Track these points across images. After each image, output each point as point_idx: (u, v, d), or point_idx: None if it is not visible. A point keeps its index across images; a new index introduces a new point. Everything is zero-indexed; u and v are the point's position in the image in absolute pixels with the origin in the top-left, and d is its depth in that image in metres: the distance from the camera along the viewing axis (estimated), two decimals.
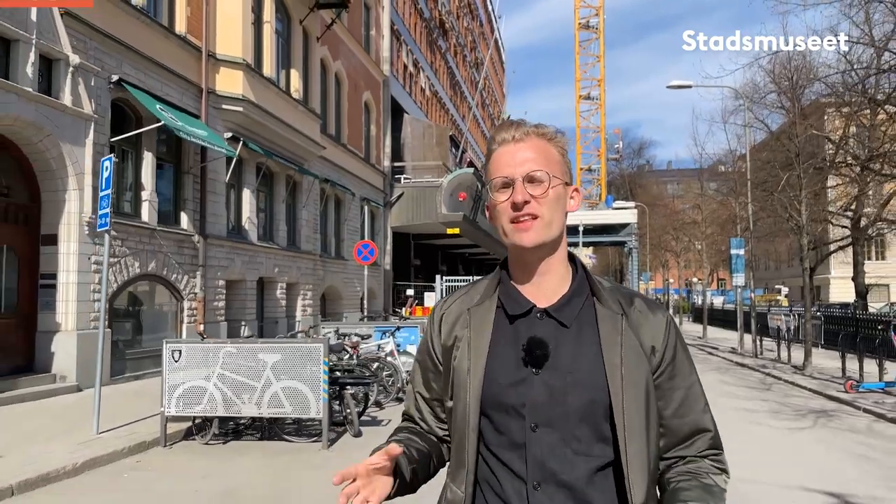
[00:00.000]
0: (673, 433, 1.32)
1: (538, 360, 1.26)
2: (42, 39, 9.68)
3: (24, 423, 7.76)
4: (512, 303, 1.34)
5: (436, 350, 1.42)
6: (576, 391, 1.24)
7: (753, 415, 9.64)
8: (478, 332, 1.33)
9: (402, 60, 31.43)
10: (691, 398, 1.32)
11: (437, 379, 1.42)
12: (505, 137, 1.33)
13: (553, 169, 1.30)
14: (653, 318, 1.33)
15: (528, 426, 1.25)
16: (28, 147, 10.00)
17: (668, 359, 1.31)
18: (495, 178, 1.31)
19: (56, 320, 10.23)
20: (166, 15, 13.13)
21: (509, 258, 1.39)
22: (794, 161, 16.01)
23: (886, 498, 5.57)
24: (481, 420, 1.30)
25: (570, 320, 1.30)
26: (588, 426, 1.24)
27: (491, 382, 1.28)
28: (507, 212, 1.29)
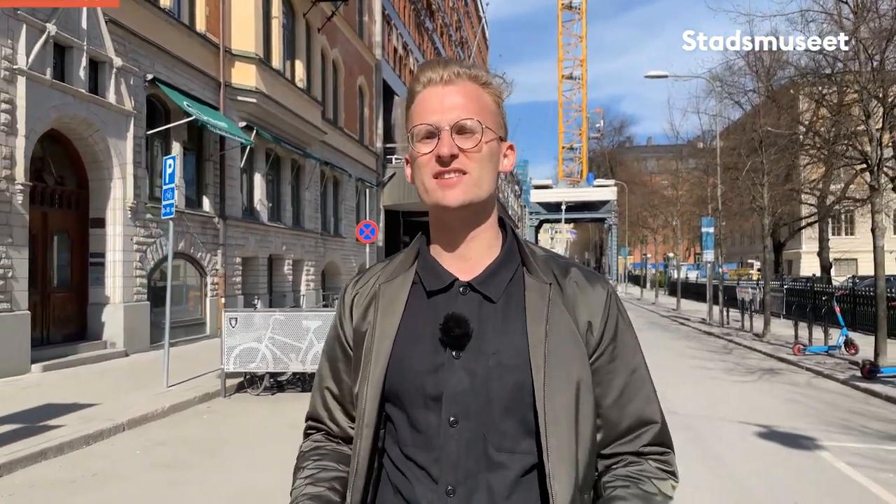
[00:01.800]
0: (612, 425, 1.11)
1: (457, 341, 1.06)
2: (91, 45, 10.91)
3: (98, 381, 9.19)
4: (430, 276, 1.14)
5: (346, 336, 1.20)
6: (500, 376, 1.05)
7: (710, 372, 11.35)
8: (386, 312, 1.13)
9: (392, 44, 32.52)
10: (634, 384, 1.12)
11: (349, 371, 1.20)
12: (431, 77, 1.11)
13: (486, 119, 1.10)
14: (591, 291, 1.13)
15: (444, 420, 1.05)
16: (79, 141, 11.27)
17: (607, 338, 1.11)
18: (418, 125, 1.10)
19: (105, 294, 11.61)
20: (188, 15, 14.31)
21: (430, 223, 1.18)
22: (758, 147, 17.64)
23: (803, 427, 7.23)
24: (393, 414, 1.11)
25: (496, 294, 1.10)
26: (514, 418, 1.05)
27: (401, 369, 1.08)
28: (429, 165, 1.08)
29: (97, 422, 6.72)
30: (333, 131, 22.90)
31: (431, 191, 1.09)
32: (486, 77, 1.13)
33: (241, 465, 5.73)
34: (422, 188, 1.11)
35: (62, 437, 6.16)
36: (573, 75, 71.41)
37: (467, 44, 57.88)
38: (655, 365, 8.68)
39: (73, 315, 11.42)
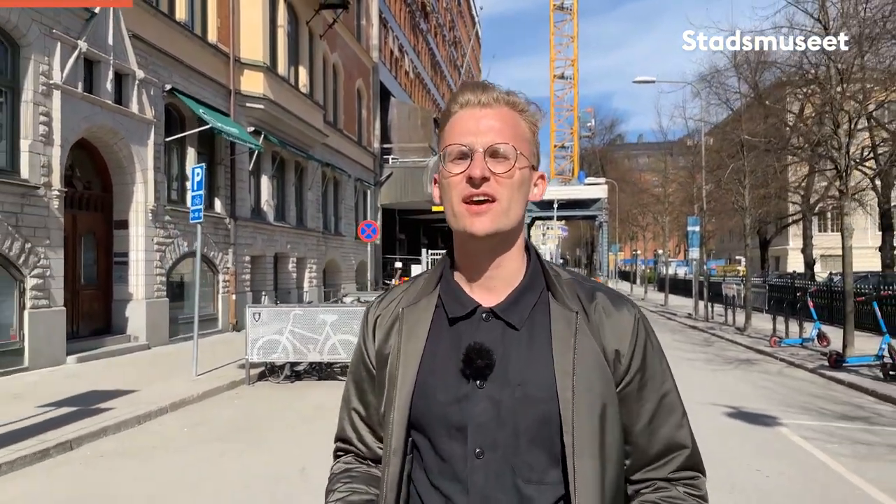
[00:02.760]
0: (642, 451, 1.09)
1: (480, 372, 1.03)
2: (117, 59, 11.70)
3: (130, 371, 10.01)
4: (453, 302, 1.11)
5: (370, 357, 1.19)
6: (526, 407, 1.03)
7: (691, 362, 12.29)
8: (409, 337, 1.11)
9: (388, 47, 33.31)
10: (665, 410, 1.09)
11: (374, 391, 1.18)
12: (470, 99, 1.09)
13: (521, 146, 1.07)
14: (617, 316, 1.10)
15: (470, 451, 1.03)
16: (105, 148, 12.06)
17: (636, 365, 1.08)
18: (451, 144, 1.07)
19: (129, 291, 12.42)
20: (200, 26, 15.09)
21: (455, 246, 1.15)
22: (740, 151, 18.59)
23: (770, 409, 8.14)
24: (419, 442, 1.09)
25: (520, 321, 1.07)
26: (541, 449, 1.03)
27: (426, 398, 1.06)
28: (459, 186, 1.05)
29: (143, 405, 7.57)
30: (334, 133, 23.69)
31: (460, 216, 1.06)
32: (523, 104, 1.11)
33: (278, 439, 6.60)
34: (450, 211, 1.08)
35: (116, 417, 7.01)
36: (564, 75, 72.51)
37: (461, 43, 58.72)
38: None
39: (100, 311, 12.23)
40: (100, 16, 11.23)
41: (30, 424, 6.58)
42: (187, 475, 5.49)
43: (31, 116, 9.89)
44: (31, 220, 9.82)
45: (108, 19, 11.43)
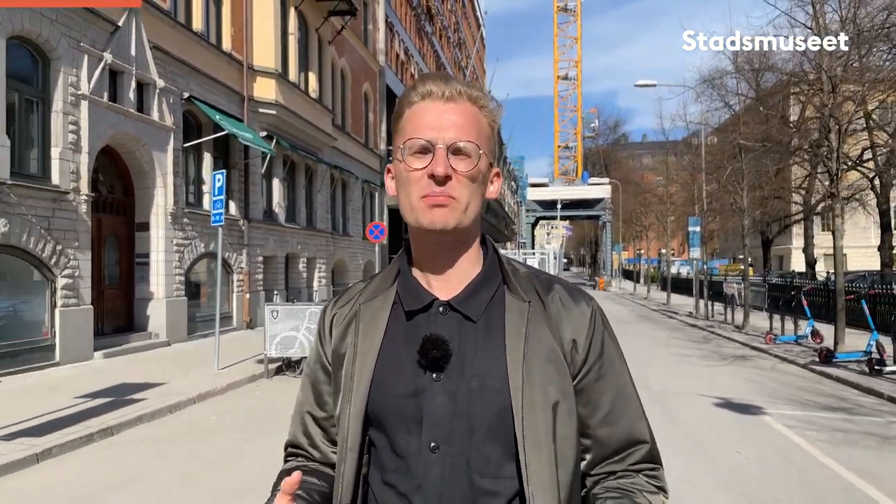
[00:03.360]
0: (602, 444, 1.09)
1: (436, 363, 1.03)
2: (138, 69, 12.29)
3: (154, 365, 10.60)
4: (410, 296, 1.10)
5: (327, 357, 1.16)
6: (482, 399, 1.02)
7: (686, 358, 12.82)
8: (366, 334, 1.10)
9: (394, 50, 33.87)
10: (623, 402, 1.09)
11: (332, 393, 1.16)
12: (432, 90, 1.07)
13: (482, 144, 1.07)
14: (575, 309, 1.10)
15: (425, 445, 1.02)
16: (127, 154, 12.66)
17: (593, 355, 1.08)
18: (413, 138, 1.05)
19: (150, 290, 13.02)
20: (215, 35, 15.67)
21: (412, 242, 1.14)
22: (738, 153, 19.08)
23: (757, 400, 8.66)
24: (376, 439, 1.08)
25: (476, 313, 1.07)
26: (497, 442, 1.02)
27: (383, 392, 1.05)
28: (420, 182, 1.04)
29: (173, 396, 8.15)
30: (342, 136, 24.27)
31: (417, 210, 1.04)
32: (484, 100, 1.10)
33: None
34: (407, 206, 1.06)
35: (150, 406, 7.59)
36: (568, 76, 73.03)
37: (465, 45, 59.22)
38: (638, 352, 10.63)
39: (123, 309, 12.83)
40: (123, 28, 11.81)
41: (71, 413, 7.17)
42: (219, 457, 6.06)
43: (60, 125, 10.48)
44: (61, 223, 10.41)
45: (130, 31, 12.01)
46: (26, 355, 9.80)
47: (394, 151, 1.11)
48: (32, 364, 9.82)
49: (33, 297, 10.14)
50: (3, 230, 9.28)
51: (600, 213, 56.31)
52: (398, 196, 1.09)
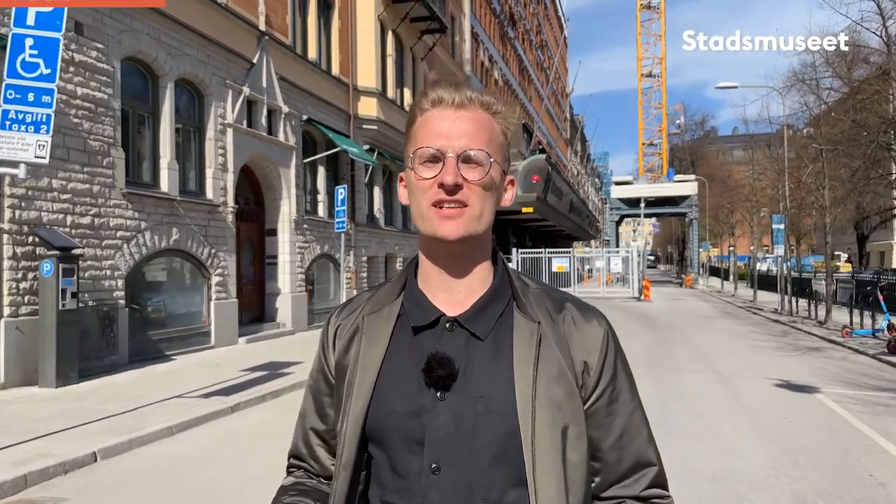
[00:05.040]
0: (611, 468, 1.07)
1: (441, 382, 1.01)
2: (268, 98, 14.45)
3: (288, 349, 12.64)
4: (416, 310, 1.08)
5: (330, 369, 1.16)
6: (488, 421, 1.00)
7: (761, 349, 13.77)
8: (369, 347, 1.08)
9: (479, 59, 35.52)
10: (633, 426, 1.08)
11: (333, 405, 1.15)
12: (443, 98, 1.06)
13: (494, 151, 1.05)
14: (587, 328, 1.08)
15: (426, 466, 1.00)
16: (259, 171, 14.86)
17: (605, 378, 1.06)
18: (423, 147, 1.04)
19: (277, 286, 15.20)
20: (326, 62, 17.77)
21: (421, 252, 1.12)
22: (819, 155, 19.52)
23: (816, 383, 9.70)
24: (376, 456, 1.06)
25: (484, 331, 1.05)
26: (503, 466, 1.00)
27: (383, 409, 1.03)
28: (430, 192, 1.03)
29: None
30: None
31: (428, 219, 1.03)
32: (497, 106, 1.08)
33: None
34: (418, 214, 1.05)
35: (299, 378, 9.50)
36: (652, 73, 72.54)
37: (547, 46, 60.16)
38: (715, 344, 12.22)
39: (256, 303, 15.07)
40: (257, 64, 13.97)
41: (242, 381, 9.18)
42: None
43: (212, 150, 12.69)
44: (214, 230, 12.62)
45: (262, 66, 14.17)
46: (191, 339, 12.03)
47: (405, 160, 1.10)
48: (195, 346, 12.04)
49: (195, 292, 12.39)
50: (176, 237, 11.52)
51: (686, 210, 55.93)
52: (410, 205, 1.08)
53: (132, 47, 10.63)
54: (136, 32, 10.70)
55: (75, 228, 9.42)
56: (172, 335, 11.60)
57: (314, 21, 16.92)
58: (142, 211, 10.74)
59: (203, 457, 6.04)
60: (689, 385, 9.43)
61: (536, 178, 31.59)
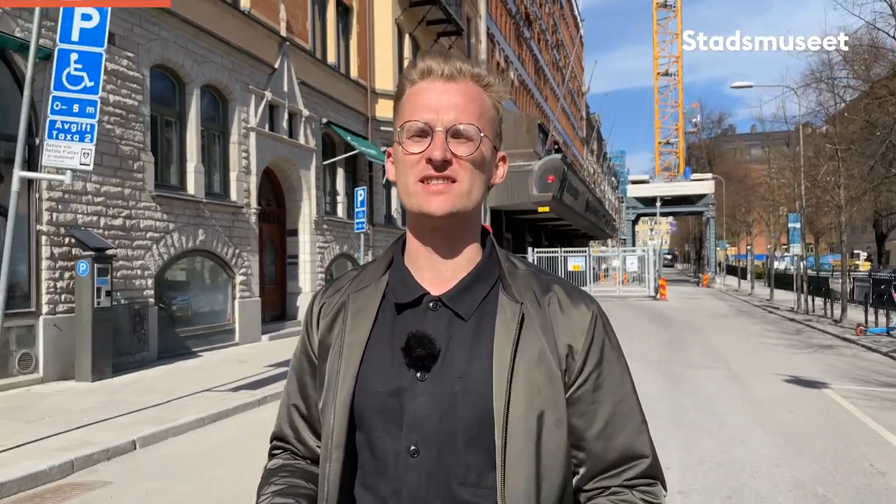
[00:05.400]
0: (597, 459, 1.02)
1: (421, 362, 0.98)
2: (290, 102, 14.84)
3: None
4: (400, 288, 1.05)
5: (313, 349, 1.13)
6: (465, 403, 0.97)
7: (773, 346, 13.94)
8: (354, 326, 1.05)
9: (495, 59, 35.77)
10: (622, 415, 1.03)
11: (316, 385, 1.12)
12: (432, 68, 1.02)
13: (485, 126, 1.02)
14: (574, 311, 1.04)
15: (403, 448, 0.98)
16: (280, 173, 15.27)
17: (591, 363, 1.02)
18: (410, 120, 1.00)
19: (298, 285, 15.60)
20: (345, 66, 18.16)
21: (409, 229, 1.09)
22: (835, 154, 19.56)
23: (826, 379, 9.88)
24: (356, 438, 1.03)
25: (468, 311, 1.02)
26: (480, 450, 0.97)
27: (365, 389, 1.01)
28: (417, 166, 0.99)
29: None
30: None
31: (415, 195, 1.00)
32: (488, 78, 1.04)
33: None
34: (404, 190, 1.02)
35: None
36: (669, 72, 72.33)
37: (563, 46, 60.25)
38: (728, 342, 12.47)
39: (278, 301, 15.49)
40: (278, 69, 14.38)
41: (267, 376, 9.56)
42: None
43: (236, 153, 13.10)
44: (238, 231, 13.04)
45: (283, 71, 14.57)
46: (216, 336, 12.45)
47: (393, 134, 1.05)
48: (220, 343, 12.46)
49: (220, 291, 12.81)
50: (202, 238, 11.94)
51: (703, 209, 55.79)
52: (397, 180, 1.05)
53: (160, 55, 11.05)
54: (164, 41, 11.12)
55: (108, 230, 9.85)
56: (199, 332, 12.02)
57: (333, 26, 17.31)
58: (170, 213, 11.17)
59: (233, 447, 6.41)
60: (701, 381, 9.67)
61: (552, 177, 31.78)
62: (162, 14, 10.92)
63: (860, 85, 20.00)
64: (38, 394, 8.26)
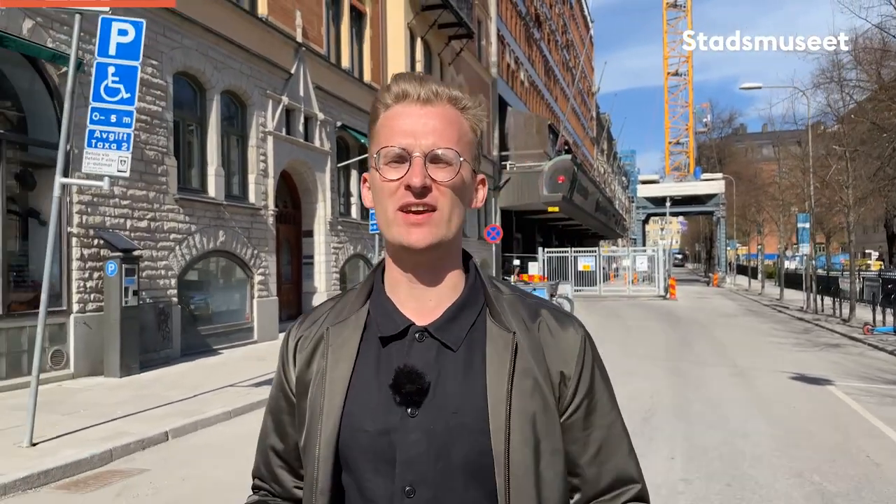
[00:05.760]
0: (590, 484, 1.03)
1: (411, 398, 0.95)
2: (305, 106, 15.21)
3: None
4: (384, 319, 1.01)
5: (290, 386, 1.08)
6: (461, 438, 0.94)
7: (780, 344, 14.17)
8: (336, 360, 1.00)
9: (505, 61, 36.05)
10: (613, 440, 1.03)
11: (294, 424, 1.07)
12: (408, 91, 0.99)
13: (464, 150, 0.99)
14: (563, 336, 1.02)
15: (398, 489, 0.94)
16: (296, 176, 15.65)
17: (583, 389, 1.01)
18: (388, 146, 0.97)
19: (314, 285, 15.98)
20: (358, 70, 18.52)
21: (388, 258, 1.05)
22: (843, 155, 19.73)
23: (830, 376, 10.12)
24: (343, 480, 0.99)
25: (456, 341, 0.98)
26: (479, 486, 0.95)
27: (352, 428, 0.97)
28: (396, 194, 0.96)
29: None
30: None
31: (395, 225, 0.96)
32: (465, 101, 1.01)
33: None
34: (383, 220, 0.98)
35: None
36: (679, 72, 72.33)
37: (573, 46, 60.42)
38: (735, 341, 12.88)
39: (294, 300, 15.86)
40: (294, 75, 14.75)
41: None
42: None
43: (254, 157, 13.48)
44: (257, 232, 13.42)
45: (299, 76, 14.94)
46: (235, 334, 12.84)
47: (368, 160, 1.02)
48: (239, 341, 12.84)
49: (239, 290, 13.20)
50: (222, 239, 12.33)
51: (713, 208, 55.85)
52: (375, 208, 1.01)
53: (183, 63, 11.44)
54: (186, 49, 11.50)
55: (134, 232, 10.24)
56: (219, 330, 12.41)
57: (347, 31, 17.68)
58: (192, 215, 11.55)
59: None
60: (707, 377, 9.94)
61: (562, 178, 32.05)
62: (184, 22, 11.31)
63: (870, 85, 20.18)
64: (70, 388, 8.65)
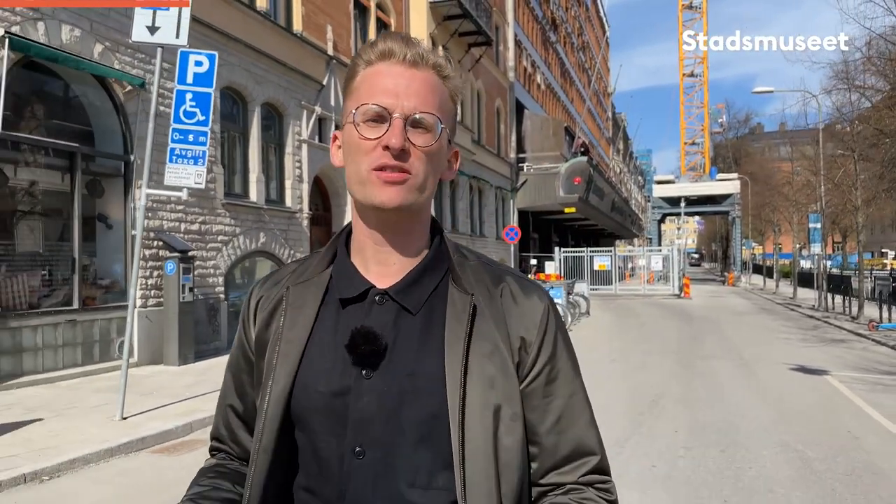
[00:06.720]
0: (549, 452, 1.00)
1: (366, 359, 0.94)
2: (336, 115, 16.17)
3: None
4: (344, 282, 1.01)
5: (250, 345, 1.07)
6: (414, 401, 0.94)
7: (787, 340, 14.92)
8: (293, 320, 1.00)
9: (522, 65, 36.86)
10: (573, 410, 1.01)
11: (253, 383, 1.07)
12: (393, 51, 0.96)
13: (444, 117, 0.97)
14: (526, 303, 1.01)
15: (348, 449, 0.94)
16: (327, 180, 16.63)
17: (544, 356, 0.99)
18: (368, 103, 0.94)
19: None
20: None
21: (354, 219, 1.03)
22: (851, 156, 20.35)
23: (829, 367, 10.88)
24: (298, 440, 0.99)
25: (416, 305, 0.98)
26: (429, 450, 0.94)
27: (307, 389, 0.96)
28: (372, 154, 0.93)
29: None
30: (478, 149, 27.67)
31: (367, 183, 0.94)
32: (448, 70, 1.00)
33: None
34: (356, 177, 0.96)
35: None
36: (694, 73, 72.67)
37: (589, 48, 61.00)
38: (745, 337, 13.89)
39: None
40: (326, 85, 15.73)
41: None
42: None
43: (290, 164, 14.47)
44: (293, 234, 14.40)
45: (330, 87, 15.92)
46: None
47: (343, 116, 1.00)
48: None
49: None
50: (262, 240, 13.32)
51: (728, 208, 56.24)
52: (346, 167, 0.99)
53: (228, 78, 12.42)
54: (231, 65, 12.49)
55: (187, 234, 11.25)
56: None
57: None
58: (236, 218, 12.55)
59: None
60: (713, 368, 10.75)
61: (578, 179, 32.83)
62: (229, 41, 12.30)
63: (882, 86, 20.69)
64: (137, 375, 9.64)
